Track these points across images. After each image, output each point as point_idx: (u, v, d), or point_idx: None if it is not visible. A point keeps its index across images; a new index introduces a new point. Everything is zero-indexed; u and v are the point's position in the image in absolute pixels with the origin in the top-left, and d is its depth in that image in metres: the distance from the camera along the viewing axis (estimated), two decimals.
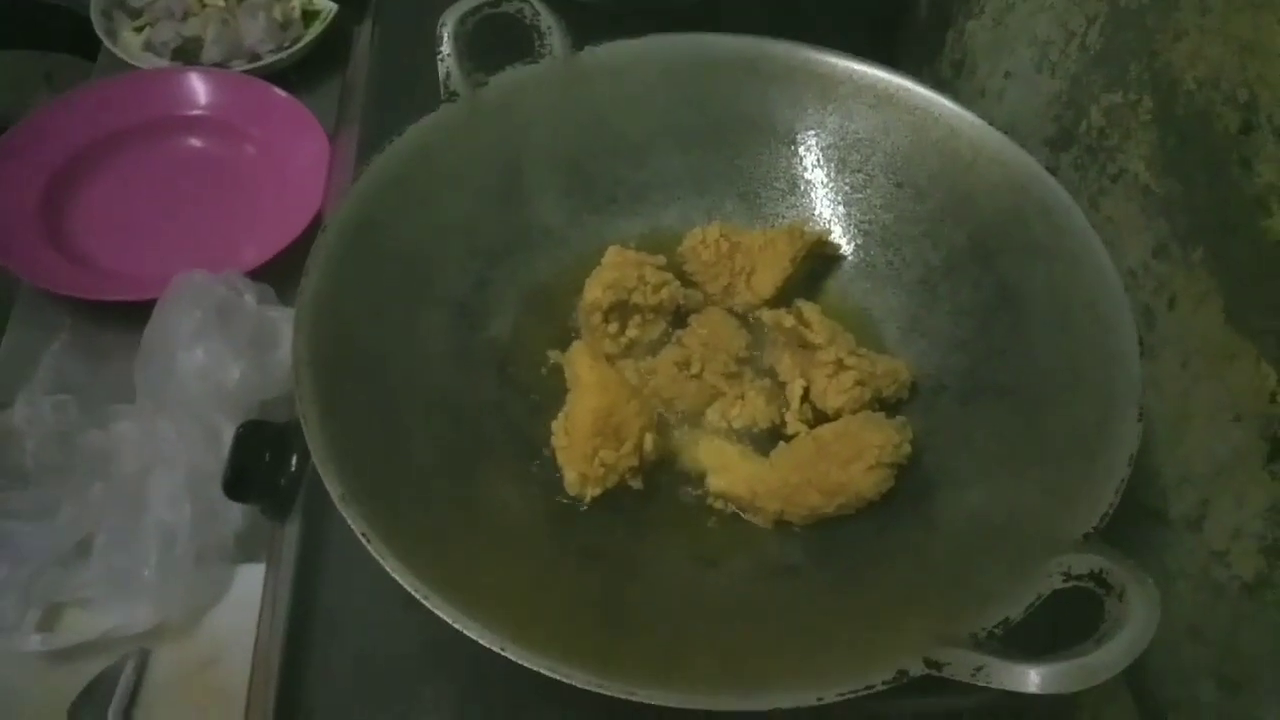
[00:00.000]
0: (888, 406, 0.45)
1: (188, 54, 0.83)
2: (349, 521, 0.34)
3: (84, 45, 0.88)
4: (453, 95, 0.48)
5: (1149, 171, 0.49)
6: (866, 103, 0.50)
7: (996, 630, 0.32)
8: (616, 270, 0.46)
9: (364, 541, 0.33)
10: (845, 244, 0.51)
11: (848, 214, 0.51)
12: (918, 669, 0.32)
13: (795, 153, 0.52)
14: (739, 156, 0.52)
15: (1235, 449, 0.43)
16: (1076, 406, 0.40)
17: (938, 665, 0.32)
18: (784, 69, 0.51)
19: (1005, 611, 0.33)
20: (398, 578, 0.33)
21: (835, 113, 0.51)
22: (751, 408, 0.44)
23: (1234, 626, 0.43)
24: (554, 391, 0.45)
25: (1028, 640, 0.33)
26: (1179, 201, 0.47)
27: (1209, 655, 0.44)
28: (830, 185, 0.52)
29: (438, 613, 0.32)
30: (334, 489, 0.34)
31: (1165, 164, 0.48)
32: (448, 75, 0.48)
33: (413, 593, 0.32)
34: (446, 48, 0.48)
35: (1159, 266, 0.49)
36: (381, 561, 0.33)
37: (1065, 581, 0.33)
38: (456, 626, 0.32)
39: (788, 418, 0.44)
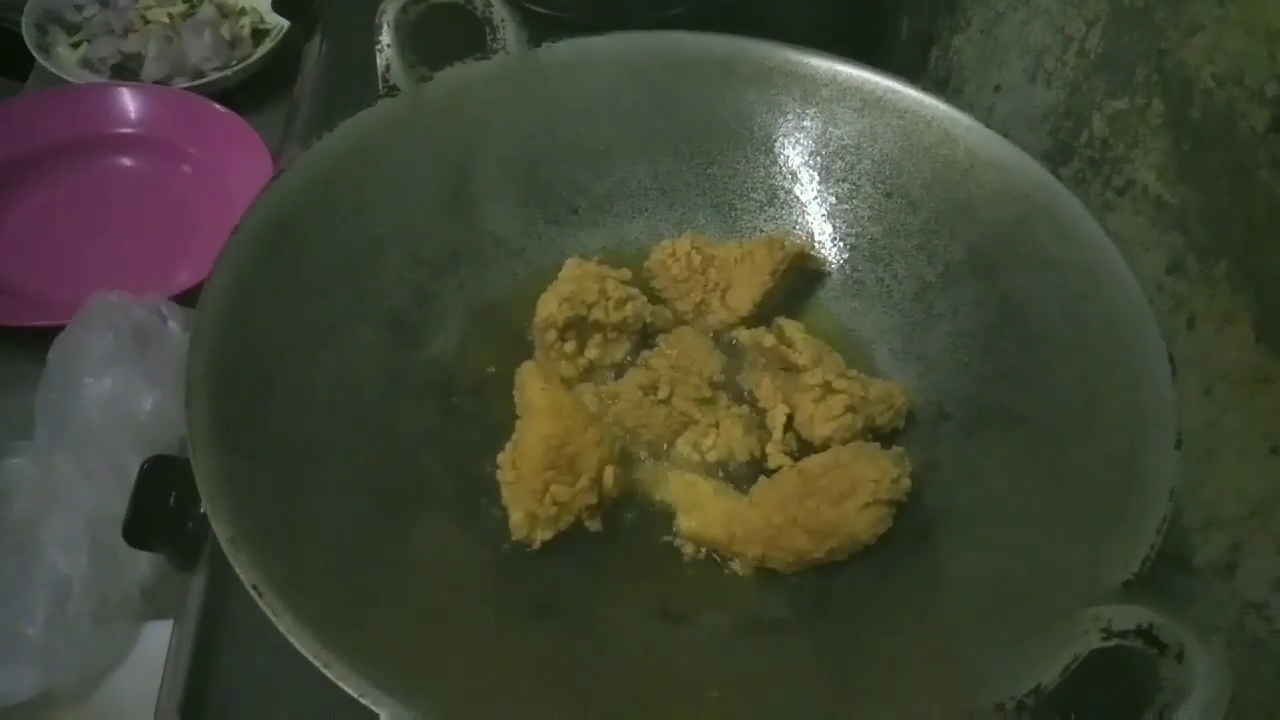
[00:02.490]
0: (882, 436, 0.40)
1: (128, 71, 0.78)
2: (237, 570, 0.28)
3: (15, 66, 0.82)
4: (393, 90, 0.43)
5: (1160, 181, 0.45)
6: (851, 106, 0.46)
7: (1028, 700, 0.27)
8: (575, 283, 0.41)
9: (254, 595, 0.27)
10: (830, 258, 0.46)
11: (832, 227, 0.47)
12: None
13: (774, 161, 0.47)
14: (712, 165, 0.48)
15: (1271, 485, 0.39)
16: (1100, 435, 0.35)
17: None
18: (761, 70, 0.47)
19: (1036, 677, 0.27)
20: (292, 639, 0.26)
21: (817, 117, 0.47)
22: (728, 437, 0.39)
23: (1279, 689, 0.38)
24: (503, 421, 0.40)
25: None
26: (1196, 212, 0.43)
27: None
28: (813, 196, 0.47)
29: (341, 684, 0.26)
30: (222, 531, 0.28)
31: (1179, 172, 0.44)
32: (387, 68, 0.43)
33: (311, 659, 0.26)
34: (386, 38, 0.43)
35: (1174, 284, 0.45)
36: (274, 619, 0.27)
37: (1106, 639, 0.27)
38: (365, 702, 0.26)
39: (769, 449, 0.39)
